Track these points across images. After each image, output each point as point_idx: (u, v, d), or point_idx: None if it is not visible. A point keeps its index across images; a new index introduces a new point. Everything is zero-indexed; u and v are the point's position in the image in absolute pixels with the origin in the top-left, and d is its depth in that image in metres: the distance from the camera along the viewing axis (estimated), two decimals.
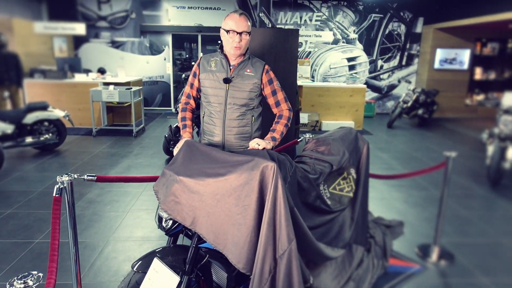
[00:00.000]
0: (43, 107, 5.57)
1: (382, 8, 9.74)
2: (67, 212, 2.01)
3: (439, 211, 3.00)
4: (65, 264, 2.75)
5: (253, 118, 2.28)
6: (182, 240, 2.73)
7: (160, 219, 1.93)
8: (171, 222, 1.88)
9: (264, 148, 2.10)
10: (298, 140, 3.17)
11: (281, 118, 2.31)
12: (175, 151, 2.12)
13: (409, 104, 8.29)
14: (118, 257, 2.89)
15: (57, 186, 2.00)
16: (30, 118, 5.45)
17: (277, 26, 4.96)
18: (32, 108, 5.50)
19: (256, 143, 2.11)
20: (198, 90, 2.37)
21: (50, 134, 5.63)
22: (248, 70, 2.24)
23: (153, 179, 2.35)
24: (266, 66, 2.31)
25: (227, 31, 2.16)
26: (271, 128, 2.30)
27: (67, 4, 8.81)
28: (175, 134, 5.31)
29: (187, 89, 2.40)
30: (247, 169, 1.62)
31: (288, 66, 3.18)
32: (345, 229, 2.44)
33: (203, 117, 2.34)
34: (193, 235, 1.85)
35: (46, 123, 5.70)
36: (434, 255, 2.94)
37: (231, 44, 2.16)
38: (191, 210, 1.70)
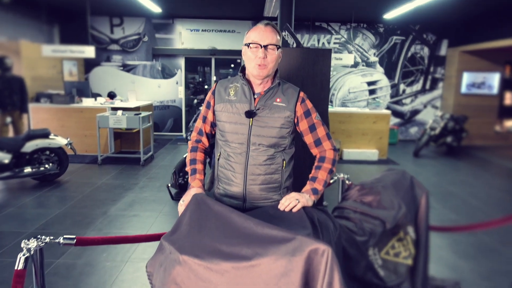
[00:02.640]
0: (44, 134, 5.16)
1: (404, 30, 9.30)
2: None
3: None
4: None
5: (284, 162, 1.75)
6: None
7: None
8: None
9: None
10: (331, 181, 2.62)
11: (324, 161, 1.77)
12: (180, 208, 1.59)
13: (437, 131, 7.68)
14: None
15: (21, 255, 1.48)
16: (30, 146, 5.04)
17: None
18: (32, 135, 5.09)
19: (294, 199, 1.57)
20: (213, 125, 1.86)
21: (51, 164, 5.19)
22: (278, 100, 1.73)
23: (149, 238, 1.81)
24: (301, 94, 1.79)
25: (249, 45, 1.67)
26: (311, 175, 1.75)
27: (79, 27, 8.61)
28: (180, 175, 4.77)
29: (198, 123, 1.89)
30: (286, 253, 1.08)
31: (318, 92, 2.67)
32: None
33: (218, 159, 1.82)
34: None
35: (47, 152, 5.28)
36: None
37: (254, 62, 1.66)
38: None
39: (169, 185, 3.01)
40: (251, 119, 1.70)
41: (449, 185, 5.72)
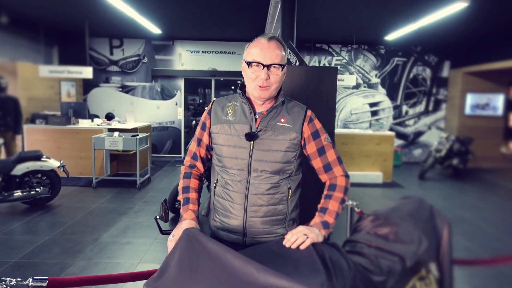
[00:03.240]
0: (36, 156, 4.96)
1: (405, 51, 9.25)
2: None
3: None
4: None
5: (290, 191, 1.54)
6: None
7: None
8: None
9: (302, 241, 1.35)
10: None
11: (334, 189, 1.55)
12: (170, 244, 1.37)
13: (443, 153, 7.48)
14: None
15: None
16: (20, 169, 4.83)
17: None
18: (23, 157, 4.89)
19: (302, 234, 1.36)
20: (209, 148, 1.66)
21: (42, 188, 4.97)
22: (283, 120, 1.54)
23: (135, 277, 1.58)
24: (309, 112, 1.59)
25: (249, 64, 1.48)
26: (320, 206, 1.54)
27: (78, 48, 8.56)
28: (171, 206, 4.59)
29: (192, 146, 1.69)
30: None
31: (324, 112, 2.48)
32: None
33: (214, 187, 1.61)
34: None
35: (39, 175, 5.06)
36: None
37: (255, 83, 1.47)
38: None
39: (157, 217, 2.55)
40: (252, 142, 1.50)
41: (459, 209, 5.46)
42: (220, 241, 1.58)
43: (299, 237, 1.35)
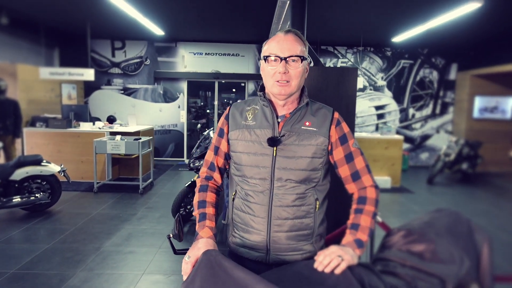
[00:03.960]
0: (36, 161, 4.80)
1: (412, 54, 9.09)
2: None
3: None
4: None
5: (317, 202, 1.38)
6: None
7: None
8: None
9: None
10: None
11: (365, 202, 1.39)
12: (185, 266, 1.20)
13: (452, 157, 7.31)
14: None
15: None
16: (19, 174, 4.66)
17: None
18: (22, 162, 4.73)
19: (336, 256, 1.19)
20: (228, 157, 1.50)
21: (42, 193, 4.80)
22: (308, 123, 1.39)
23: None
24: (336, 115, 1.45)
25: (266, 59, 1.34)
26: (351, 222, 1.37)
27: (80, 50, 8.42)
28: (182, 206, 4.44)
29: (209, 155, 1.52)
30: None
31: (343, 116, 2.28)
32: None
33: (233, 199, 1.45)
34: None
35: (38, 180, 4.90)
36: None
37: (273, 78, 1.33)
38: None
39: (171, 235, 2.00)
40: (275, 148, 1.35)
41: (472, 216, 5.28)
42: (241, 259, 1.42)
43: (332, 259, 1.18)
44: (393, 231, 1.75)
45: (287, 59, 1.31)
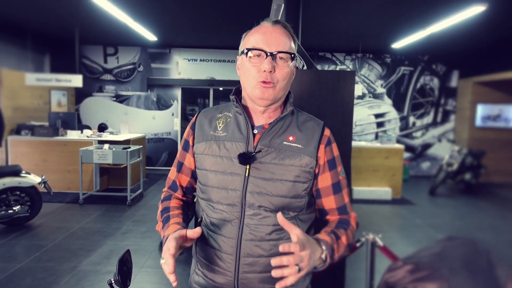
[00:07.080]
0: (14, 172, 4.52)
1: (412, 60, 8.86)
2: None
3: None
4: None
5: None
6: None
7: None
8: None
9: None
10: (357, 244, 1.95)
11: (349, 225, 1.14)
12: (165, 267, 0.93)
13: (455, 167, 7.03)
14: None
15: None
16: None
17: None
18: (0, 173, 4.45)
19: (295, 265, 0.87)
20: (194, 175, 1.22)
21: (20, 206, 4.51)
22: (291, 138, 1.10)
23: None
24: (327, 131, 1.16)
25: (247, 53, 1.06)
26: (330, 229, 1.10)
27: (71, 56, 8.18)
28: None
29: (172, 173, 1.26)
30: None
31: (339, 126, 2.04)
32: None
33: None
34: None
35: (17, 192, 4.61)
36: None
37: (255, 78, 1.05)
38: None
39: (112, 281, 1.38)
40: (247, 167, 1.06)
41: (478, 230, 4.99)
42: None
43: (291, 265, 0.86)
44: (398, 264, 1.46)
45: (275, 55, 1.04)
